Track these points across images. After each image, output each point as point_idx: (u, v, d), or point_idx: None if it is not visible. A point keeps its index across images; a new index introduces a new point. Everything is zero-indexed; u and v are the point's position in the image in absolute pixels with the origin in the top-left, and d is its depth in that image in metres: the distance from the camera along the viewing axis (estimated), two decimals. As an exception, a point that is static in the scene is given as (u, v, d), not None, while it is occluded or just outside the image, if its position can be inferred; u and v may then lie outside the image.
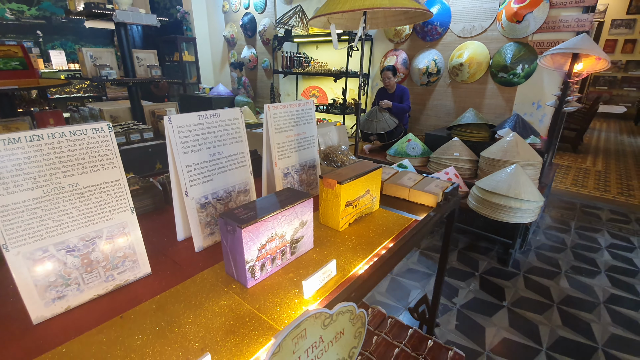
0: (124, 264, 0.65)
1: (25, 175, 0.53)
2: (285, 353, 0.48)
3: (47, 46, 6.64)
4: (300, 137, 1.01)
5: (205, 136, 0.75)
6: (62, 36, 6.80)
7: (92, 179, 0.59)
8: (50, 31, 6.68)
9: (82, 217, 0.59)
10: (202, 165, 0.76)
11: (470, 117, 3.40)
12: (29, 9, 6.50)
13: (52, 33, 6.70)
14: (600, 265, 2.74)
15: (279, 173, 0.96)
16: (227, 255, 0.67)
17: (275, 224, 0.67)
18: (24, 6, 6.49)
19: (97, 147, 0.59)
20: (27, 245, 0.54)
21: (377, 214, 0.99)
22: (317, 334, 0.54)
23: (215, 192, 0.79)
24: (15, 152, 0.52)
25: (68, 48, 6.86)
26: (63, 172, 0.56)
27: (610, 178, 4.56)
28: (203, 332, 0.55)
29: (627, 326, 2.11)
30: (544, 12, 3.28)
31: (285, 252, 0.72)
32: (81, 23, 6.96)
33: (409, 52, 4.23)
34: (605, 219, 3.52)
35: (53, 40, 6.72)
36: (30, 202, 0.54)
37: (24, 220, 0.53)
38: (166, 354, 0.51)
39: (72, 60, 6.49)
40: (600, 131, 7.57)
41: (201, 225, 0.78)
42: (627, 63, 8.75)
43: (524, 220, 2.46)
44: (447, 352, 1.24)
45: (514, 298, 2.34)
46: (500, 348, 1.94)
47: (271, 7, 5.48)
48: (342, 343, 0.61)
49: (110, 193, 0.61)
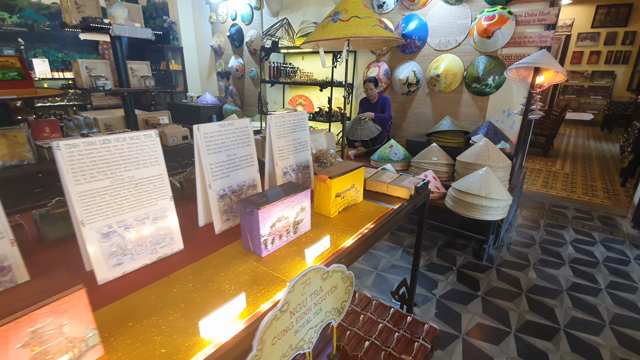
0: (164, 240, 0.83)
1: (98, 169, 0.71)
2: (296, 293, 0.68)
3: (29, 54, 6.64)
4: (297, 142, 1.21)
5: (224, 140, 0.95)
6: (45, 44, 6.81)
7: (143, 172, 0.78)
8: (33, 39, 6.68)
9: (136, 202, 0.77)
10: (221, 164, 0.95)
11: (447, 124, 3.70)
12: (10, 16, 6.49)
13: (34, 41, 6.70)
14: (565, 257, 3.04)
15: (279, 172, 1.16)
16: (245, 233, 0.86)
17: (282, 208, 0.87)
18: (5, 14, 6.48)
19: (147, 148, 0.78)
20: (97, 222, 0.72)
21: (361, 205, 1.20)
22: (318, 284, 0.75)
23: (230, 186, 0.99)
24: (91, 152, 0.70)
25: (51, 56, 6.87)
26: (124, 167, 0.75)
27: (577, 180, 4.96)
28: (233, 284, 0.74)
29: (586, 310, 2.39)
30: (510, 29, 3.63)
31: (290, 231, 0.92)
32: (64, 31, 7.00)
33: (390, 63, 4.53)
34: (571, 217, 3.87)
35: (35, 48, 6.72)
36: (101, 189, 0.72)
37: (96, 202, 0.72)
38: (209, 298, 0.70)
39: (56, 69, 6.51)
40: (569, 137, 8.12)
41: (220, 212, 0.97)
42: (592, 73, 9.43)
43: (495, 217, 2.73)
44: (423, 326, 1.45)
45: (487, 288, 2.60)
46: (474, 331, 2.17)
47: (258, 19, 5.71)
48: (336, 295, 0.81)
49: (155, 184, 0.80)
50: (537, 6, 3.55)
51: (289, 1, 5.32)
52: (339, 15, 1.22)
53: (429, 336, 1.41)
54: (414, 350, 1.34)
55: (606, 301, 2.48)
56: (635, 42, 8.87)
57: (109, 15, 2.84)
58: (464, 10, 3.86)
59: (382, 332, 1.42)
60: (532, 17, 3.56)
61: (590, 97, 9.51)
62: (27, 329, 0.45)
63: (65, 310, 0.49)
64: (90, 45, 7.12)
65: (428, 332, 1.43)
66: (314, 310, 0.74)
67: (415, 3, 4.14)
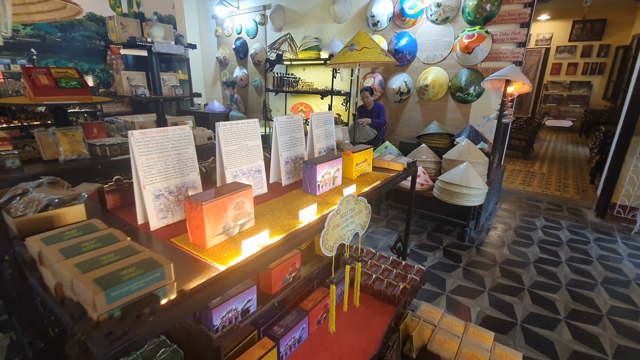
0: (260, 184, 1.41)
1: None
2: (342, 205, 1.27)
3: (41, 63, 7.14)
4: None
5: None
6: (56, 54, 7.33)
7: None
8: (44, 49, 7.20)
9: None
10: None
11: (434, 128, 4.36)
12: (24, 28, 7.01)
13: (45, 51, 7.22)
14: (535, 239, 3.68)
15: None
16: (305, 182, 1.45)
17: (327, 167, 1.46)
18: (19, 25, 6.99)
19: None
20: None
21: (371, 173, 1.80)
22: (352, 205, 1.33)
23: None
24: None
25: (61, 65, 7.39)
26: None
27: (552, 179, 5.67)
28: (305, 204, 1.32)
29: (547, 276, 3.01)
30: (488, 46, 4.34)
31: (330, 182, 1.51)
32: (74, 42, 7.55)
33: (384, 74, 5.21)
34: (543, 208, 4.54)
35: (46, 57, 7.24)
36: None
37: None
38: (295, 208, 1.28)
39: (70, 77, 7.00)
40: (550, 142, 8.93)
41: (285, 173, 1.55)
42: (570, 83, 10.35)
43: (474, 203, 3.37)
44: (414, 267, 2.05)
45: (468, 261, 3.21)
46: (456, 290, 2.77)
47: (262, 33, 6.37)
48: (361, 216, 1.40)
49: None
50: (510, 27, 4.26)
51: (291, 18, 6.00)
52: (354, 46, 1.81)
53: (418, 273, 2.00)
54: (407, 280, 1.93)
55: (565, 270, 3.11)
56: (610, 54, 9.81)
57: (148, 34, 3.43)
58: (448, 29, 4.56)
59: (384, 271, 2.01)
60: (506, 36, 4.27)
61: (569, 105, 10.42)
62: (235, 200, 1.03)
63: (246, 196, 1.07)
64: (98, 55, 7.67)
65: (417, 270, 2.02)
66: (350, 220, 1.32)
67: (405, 22, 4.84)
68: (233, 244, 1.01)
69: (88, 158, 2.97)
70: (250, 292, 1.30)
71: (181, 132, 1.19)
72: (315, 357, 1.50)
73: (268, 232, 1.04)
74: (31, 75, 2.82)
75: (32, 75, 2.81)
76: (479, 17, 4.28)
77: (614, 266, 3.19)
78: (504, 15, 4.18)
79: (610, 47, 9.74)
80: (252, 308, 1.32)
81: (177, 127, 1.18)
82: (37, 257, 0.81)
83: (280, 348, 1.43)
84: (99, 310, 0.62)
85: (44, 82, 2.82)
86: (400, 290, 1.84)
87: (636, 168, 3.91)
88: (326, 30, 5.63)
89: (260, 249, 0.99)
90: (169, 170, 1.16)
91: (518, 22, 4.21)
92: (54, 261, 0.73)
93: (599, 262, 3.26)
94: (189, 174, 1.23)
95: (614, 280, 2.97)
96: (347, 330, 1.65)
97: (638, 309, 2.60)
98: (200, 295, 0.79)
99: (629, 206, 4.03)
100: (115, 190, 1.28)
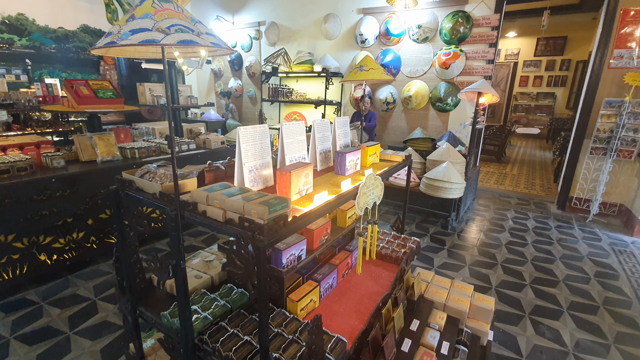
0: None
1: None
2: (367, 180, 1.88)
3: (35, 73, 7.44)
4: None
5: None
6: (50, 65, 7.64)
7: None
8: (39, 60, 7.50)
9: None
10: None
11: (418, 133, 5.07)
12: (19, 39, 7.31)
13: (40, 61, 7.53)
14: (506, 227, 4.41)
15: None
16: (337, 166, 2.04)
17: (352, 155, 2.07)
18: (15, 37, 7.30)
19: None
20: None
21: (379, 163, 2.42)
22: (372, 180, 1.94)
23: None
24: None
25: (55, 75, 7.70)
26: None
27: (521, 179, 6.52)
28: (339, 181, 1.91)
29: (516, 254, 3.71)
30: (462, 62, 5.12)
31: (354, 167, 2.12)
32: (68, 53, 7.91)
33: (372, 86, 5.93)
34: (514, 203, 5.31)
35: (41, 68, 7.54)
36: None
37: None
38: (334, 184, 1.87)
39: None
40: (520, 147, 9.96)
41: (319, 161, 2.14)
42: (537, 94, 11.54)
43: (455, 196, 4.06)
44: (411, 239, 2.67)
45: (451, 244, 3.88)
46: (442, 266, 3.41)
47: (256, 47, 6.98)
48: (378, 190, 2.01)
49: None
50: (481, 46, 5.07)
51: (285, 34, 6.65)
52: (363, 67, 2.45)
53: (414, 243, 2.63)
54: (406, 247, 2.54)
55: (530, 249, 3.83)
56: (570, 68, 11.05)
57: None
58: (427, 47, 5.33)
59: (388, 242, 2.62)
60: (477, 54, 5.08)
61: (536, 114, 11.58)
62: (305, 171, 1.61)
63: (310, 170, 1.66)
64: (91, 65, 8.04)
65: (414, 242, 2.65)
66: (371, 189, 1.93)
67: (390, 40, 5.59)
68: (305, 199, 1.59)
69: (120, 159, 3.45)
70: (302, 244, 1.87)
71: (262, 129, 1.76)
72: (344, 296, 2.08)
73: (327, 192, 1.63)
74: (73, 86, 3.29)
75: (75, 87, 3.29)
76: (454, 38, 5.08)
77: (571, 246, 3.94)
78: (475, 36, 4.99)
79: (571, 61, 10.98)
80: (302, 256, 1.89)
81: (259, 125, 1.75)
82: (205, 200, 1.36)
83: (320, 288, 2.00)
84: (265, 218, 1.19)
85: (85, 93, 3.30)
86: (402, 253, 2.45)
87: (587, 166, 4.74)
88: (318, 46, 6.31)
89: (325, 201, 1.58)
90: (256, 153, 1.73)
91: (487, 43, 5.03)
92: (223, 198, 1.29)
93: (558, 243, 4.00)
94: (265, 157, 1.80)
95: (569, 256, 3.71)
96: (365, 280, 2.24)
97: (588, 276, 3.32)
98: (300, 221, 1.36)
99: (584, 198, 4.86)
100: (210, 171, 1.83)
